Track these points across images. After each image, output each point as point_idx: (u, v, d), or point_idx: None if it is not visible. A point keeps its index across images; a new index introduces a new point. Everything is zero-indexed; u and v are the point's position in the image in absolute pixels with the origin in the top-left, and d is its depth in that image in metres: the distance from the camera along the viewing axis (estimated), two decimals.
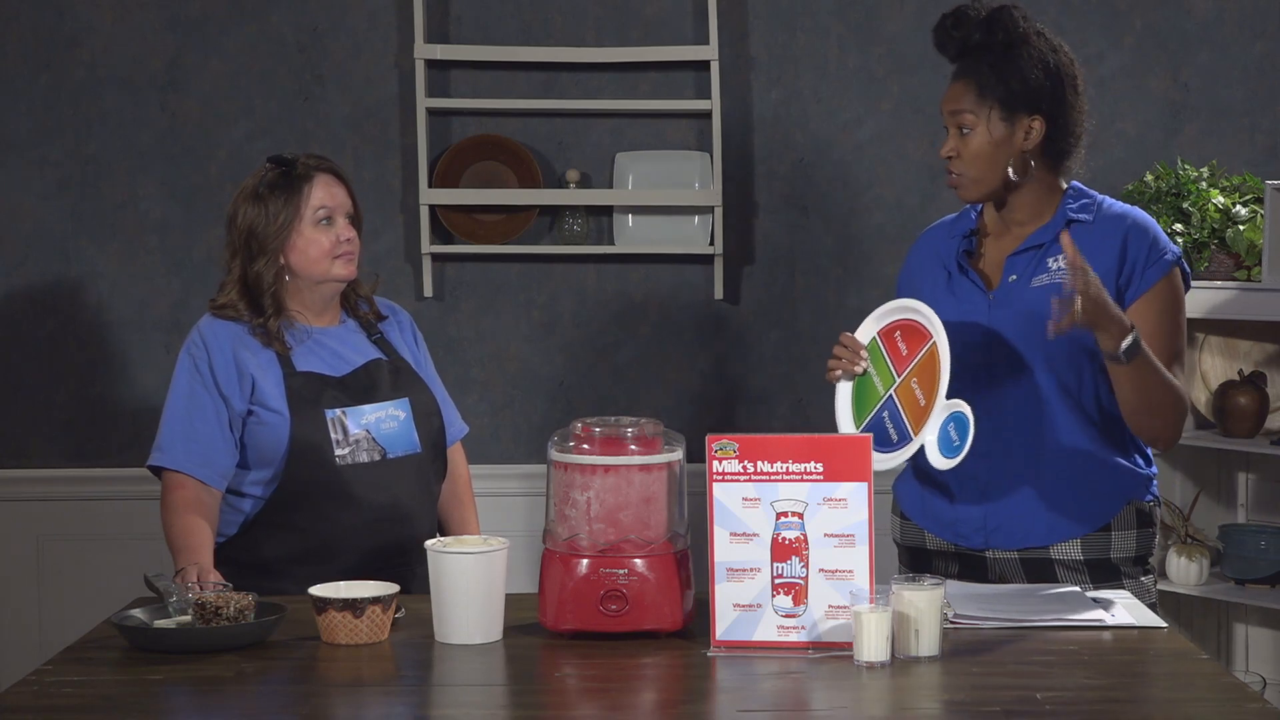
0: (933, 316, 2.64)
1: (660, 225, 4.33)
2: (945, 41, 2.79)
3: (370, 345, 3.03)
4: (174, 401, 2.92)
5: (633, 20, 4.31)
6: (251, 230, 2.92)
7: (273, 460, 2.88)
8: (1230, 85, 4.32)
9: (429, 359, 3.16)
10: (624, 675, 2.30)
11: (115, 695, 2.23)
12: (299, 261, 2.93)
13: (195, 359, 2.92)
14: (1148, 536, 2.81)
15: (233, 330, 2.93)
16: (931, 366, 2.62)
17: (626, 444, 2.44)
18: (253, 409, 2.89)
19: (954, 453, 2.58)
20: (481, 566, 2.42)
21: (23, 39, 4.26)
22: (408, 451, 2.96)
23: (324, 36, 4.29)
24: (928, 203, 4.30)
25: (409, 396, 2.98)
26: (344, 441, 2.89)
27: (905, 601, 2.31)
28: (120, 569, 4.08)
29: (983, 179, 2.77)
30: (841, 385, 2.75)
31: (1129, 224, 2.77)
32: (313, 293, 2.97)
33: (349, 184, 3.00)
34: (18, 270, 4.29)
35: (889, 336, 2.70)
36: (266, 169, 2.95)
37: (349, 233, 2.96)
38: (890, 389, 2.68)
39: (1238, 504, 4.32)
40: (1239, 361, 4.25)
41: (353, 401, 2.92)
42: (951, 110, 2.76)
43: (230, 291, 2.95)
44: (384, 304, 3.12)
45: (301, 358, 2.93)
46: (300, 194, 2.92)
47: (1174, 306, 2.76)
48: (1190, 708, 2.15)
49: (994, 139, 2.74)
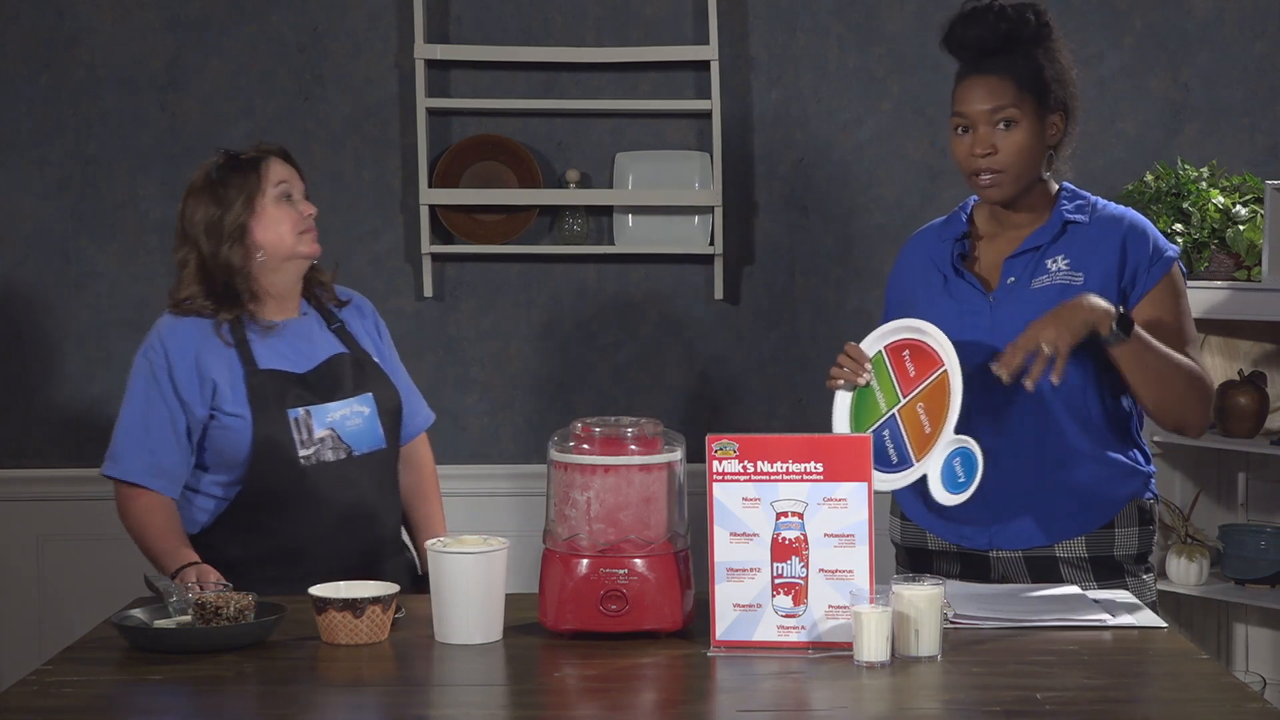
0: (947, 344, 2.62)
1: (660, 225, 4.33)
2: (965, 40, 2.75)
3: (331, 337, 3.00)
4: (129, 409, 2.89)
5: (633, 20, 4.31)
6: (210, 218, 2.89)
7: (235, 463, 2.86)
8: (1230, 85, 4.32)
9: (392, 349, 3.13)
10: (624, 675, 2.30)
11: (115, 695, 2.23)
12: (265, 238, 2.90)
13: (153, 364, 2.89)
14: (1149, 534, 2.82)
15: (194, 330, 2.90)
16: (940, 394, 2.60)
17: (626, 444, 2.44)
18: (214, 413, 2.86)
19: (959, 489, 2.58)
20: (481, 566, 2.42)
21: (23, 39, 4.26)
22: (373, 448, 2.94)
23: (324, 36, 4.29)
24: (928, 203, 4.30)
25: (372, 392, 2.96)
26: (308, 441, 2.86)
27: (905, 601, 2.31)
28: (120, 569, 4.08)
29: (1023, 176, 2.75)
30: (841, 394, 2.74)
31: (1127, 226, 2.78)
32: (279, 274, 2.94)
33: (299, 168, 3.00)
34: (18, 270, 4.29)
35: (897, 354, 2.69)
36: (215, 160, 2.94)
37: (310, 209, 2.95)
38: (894, 408, 2.67)
39: (1238, 504, 4.32)
40: (1239, 361, 4.25)
41: (316, 399, 2.89)
42: (992, 107, 2.72)
43: (189, 285, 2.92)
44: (343, 291, 3.10)
45: (263, 354, 2.90)
46: (258, 172, 2.92)
47: (1178, 298, 2.78)
48: (1190, 708, 2.15)
49: (1034, 134, 2.74)
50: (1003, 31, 2.73)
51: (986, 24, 2.73)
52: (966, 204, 2.91)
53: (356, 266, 4.31)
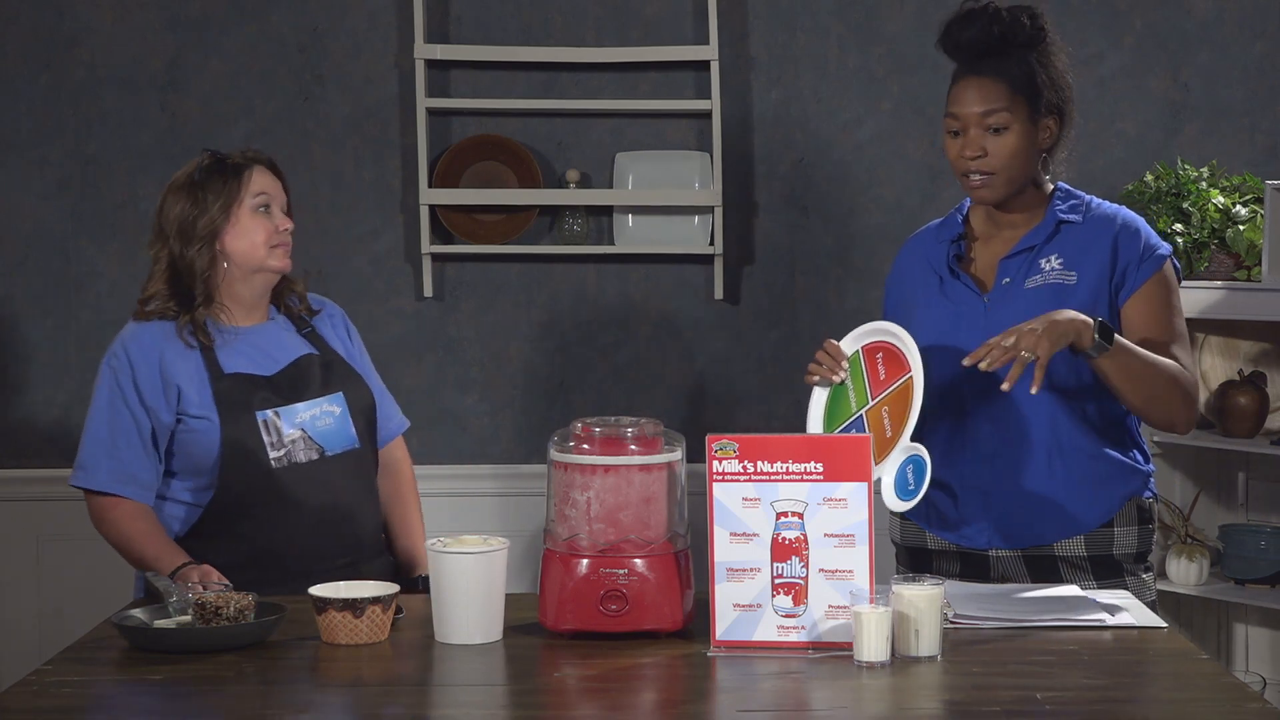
0: (914, 350, 2.63)
1: (660, 225, 4.33)
2: (960, 42, 2.75)
3: (300, 340, 2.98)
4: (95, 418, 2.88)
5: (633, 20, 4.31)
6: (185, 217, 2.88)
7: (205, 468, 2.84)
8: (1230, 85, 4.32)
9: (364, 352, 3.11)
10: (624, 675, 2.30)
11: (115, 695, 2.23)
12: (235, 247, 2.89)
13: (117, 372, 2.88)
14: (1148, 533, 2.83)
15: (157, 336, 2.88)
16: (904, 400, 2.62)
17: (626, 444, 2.44)
18: (180, 417, 2.85)
19: (909, 496, 2.59)
20: (481, 566, 2.42)
21: (23, 39, 4.26)
22: (346, 447, 2.93)
23: (324, 36, 4.29)
24: (928, 203, 4.30)
25: (343, 390, 2.94)
26: (279, 443, 2.85)
27: (905, 601, 2.31)
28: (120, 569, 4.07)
29: (1016, 179, 2.76)
30: (818, 391, 2.76)
31: (1119, 225, 2.78)
32: (245, 284, 2.93)
33: (284, 179, 2.98)
34: (18, 270, 4.29)
35: (871, 355, 2.70)
36: (201, 160, 2.92)
37: (286, 223, 2.93)
38: (862, 409, 2.68)
39: (1238, 504, 4.32)
40: (1239, 361, 4.25)
41: (284, 400, 2.87)
42: (983, 110, 2.73)
43: (157, 283, 2.91)
44: (315, 299, 3.08)
45: (229, 359, 2.88)
46: (239, 180, 2.90)
47: (1169, 296, 2.77)
48: (1190, 708, 2.16)
49: (1026, 138, 2.74)
50: (997, 34, 2.73)
51: (981, 26, 2.74)
52: (963, 205, 2.92)
53: (356, 266, 4.31)
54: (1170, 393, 2.71)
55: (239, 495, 2.83)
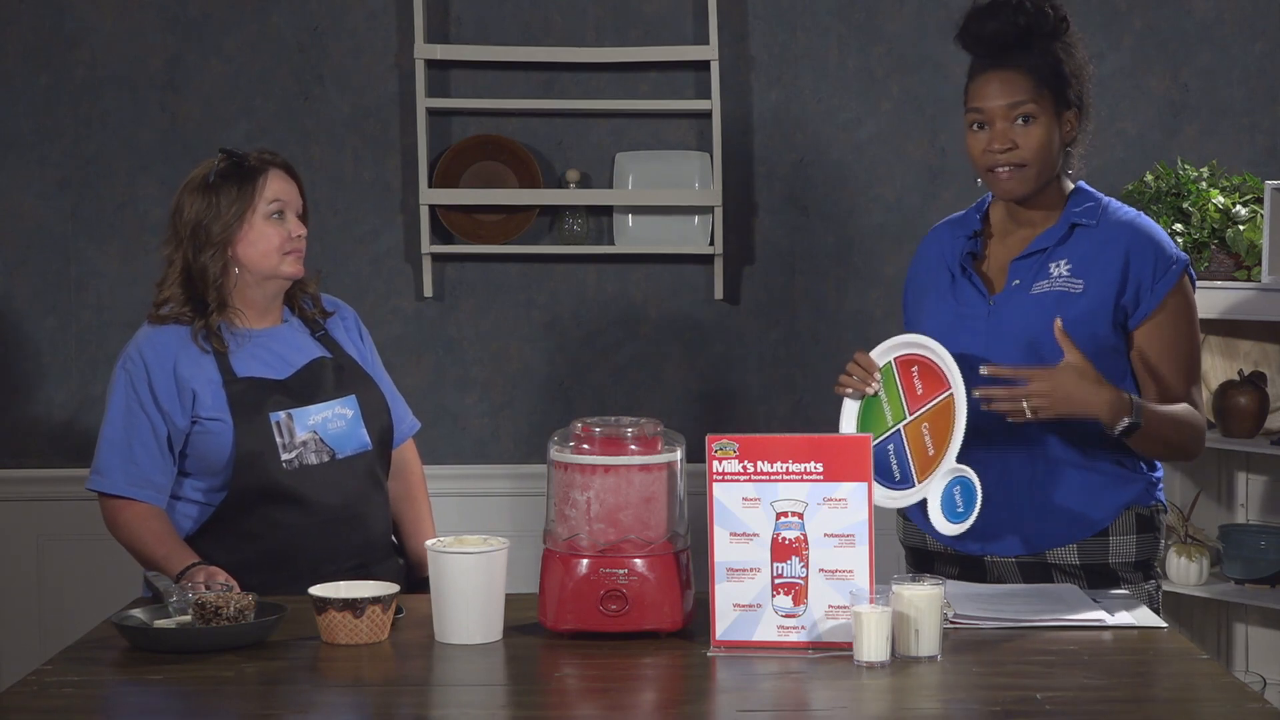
0: (954, 367, 2.60)
1: (660, 225, 4.33)
2: (982, 35, 2.71)
3: (314, 343, 2.98)
4: (111, 422, 2.88)
5: (633, 20, 4.31)
6: (199, 220, 2.86)
7: (217, 468, 2.84)
8: (1230, 85, 4.32)
9: (376, 355, 3.11)
10: (624, 675, 2.30)
11: (115, 695, 2.23)
12: (247, 254, 2.88)
13: (132, 376, 2.87)
14: (1149, 541, 2.78)
15: (172, 340, 2.87)
16: (945, 418, 2.59)
17: (626, 444, 2.44)
18: (195, 419, 2.85)
19: (958, 519, 2.57)
20: (481, 566, 2.42)
21: (23, 39, 4.26)
22: (358, 450, 2.92)
23: (324, 36, 4.29)
24: (928, 203, 4.30)
25: (355, 394, 2.94)
26: (290, 445, 2.85)
27: (905, 601, 2.31)
28: (120, 569, 4.07)
29: (1044, 172, 2.72)
30: (849, 402, 2.73)
31: (1131, 236, 2.73)
32: (258, 289, 2.92)
33: (300, 182, 2.97)
34: (18, 270, 4.29)
35: (906, 367, 2.67)
36: (218, 161, 2.90)
37: (300, 229, 2.92)
38: (900, 424, 2.66)
39: (1238, 504, 4.31)
40: (1239, 361, 4.25)
41: (297, 403, 2.87)
42: (1010, 102, 2.69)
43: (171, 285, 2.90)
44: (329, 300, 3.08)
45: (242, 362, 2.88)
46: (254, 185, 2.88)
47: (1188, 321, 2.74)
48: (1190, 708, 2.16)
49: (1052, 130, 2.71)
50: (1021, 25, 2.69)
51: (1005, 18, 2.70)
52: (983, 201, 2.88)
53: (356, 266, 4.31)
54: (1185, 441, 2.71)
55: (250, 496, 2.84)
